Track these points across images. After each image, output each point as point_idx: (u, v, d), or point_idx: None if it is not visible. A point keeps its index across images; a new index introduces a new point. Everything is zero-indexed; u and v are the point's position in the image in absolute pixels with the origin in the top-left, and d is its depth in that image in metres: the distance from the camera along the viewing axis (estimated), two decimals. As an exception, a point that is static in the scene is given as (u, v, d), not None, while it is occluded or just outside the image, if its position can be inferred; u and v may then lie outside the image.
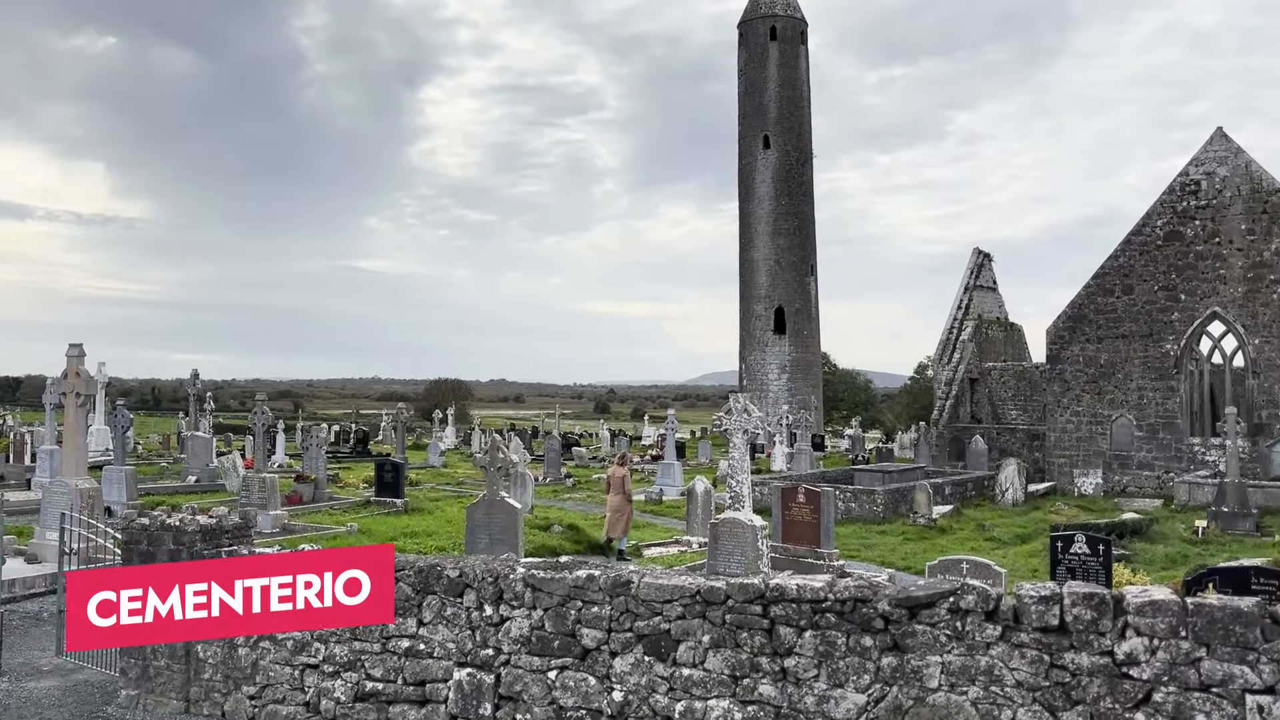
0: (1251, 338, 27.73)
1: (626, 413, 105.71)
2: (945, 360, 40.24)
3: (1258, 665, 6.24)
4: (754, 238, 53.68)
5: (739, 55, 55.16)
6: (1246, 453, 26.51)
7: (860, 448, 43.52)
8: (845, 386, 74.29)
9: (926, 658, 7.03)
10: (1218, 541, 19.58)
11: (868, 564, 17.49)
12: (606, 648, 8.00)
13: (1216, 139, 28.47)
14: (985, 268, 43.44)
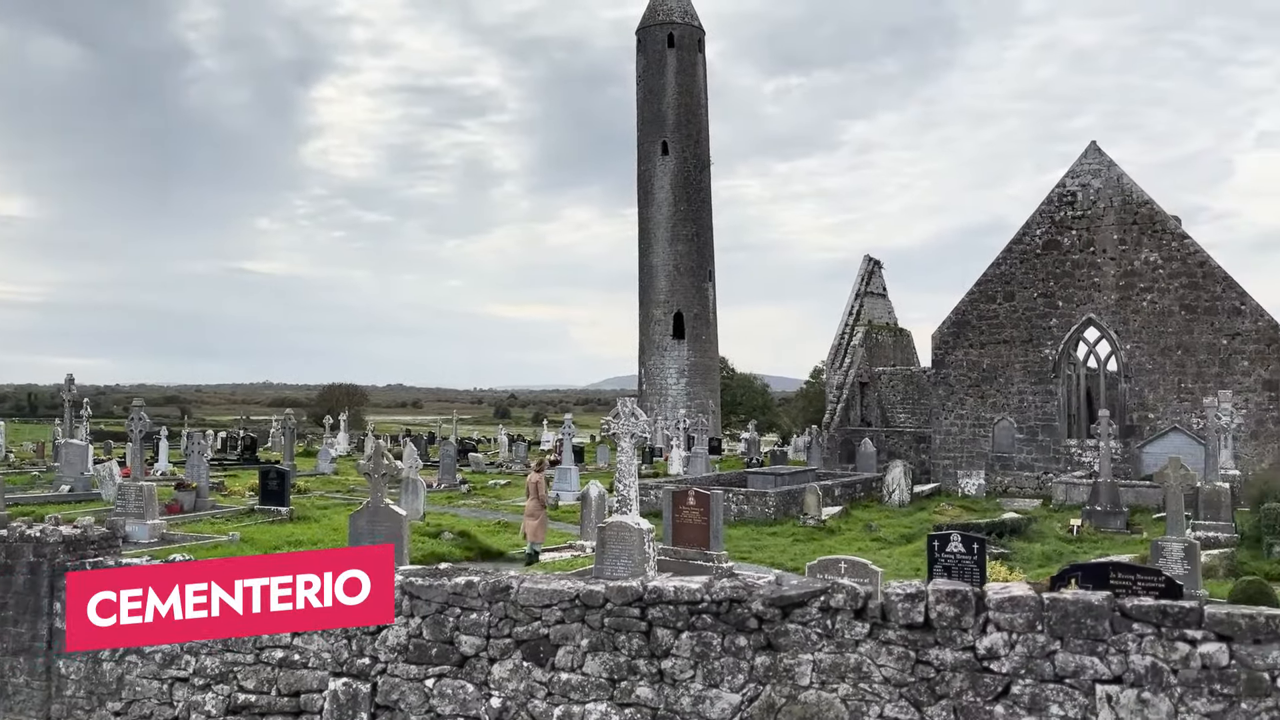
0: (1124, 343, 28.98)
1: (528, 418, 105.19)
2: (837, 365, 41.09)
3: (1107, 656, 6.52)
4: (653, 243, 54.01)
5: (637, 62, 55.47)
6: (1119, 454, 27.71)
7: (756, 451, 44.10)
8: (744, 390, 75.22)
9: (799, 656, 7.16)
10: (1091, 539, 20.39)
11: (758, 565, 17.71)
12: (485, 654, 7.95)
13: (1091, 153, 29.72)
14: (876, 275, 44.50)
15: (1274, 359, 27.23)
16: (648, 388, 53.96)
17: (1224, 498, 19.95)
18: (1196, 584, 14.24)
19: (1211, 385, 26.95)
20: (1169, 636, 6.45)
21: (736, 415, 68.66)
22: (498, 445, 47.30)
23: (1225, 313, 27.60)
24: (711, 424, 52.38)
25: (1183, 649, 6.39)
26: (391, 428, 68.87)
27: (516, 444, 42.90)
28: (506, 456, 41.84)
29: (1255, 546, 18.50)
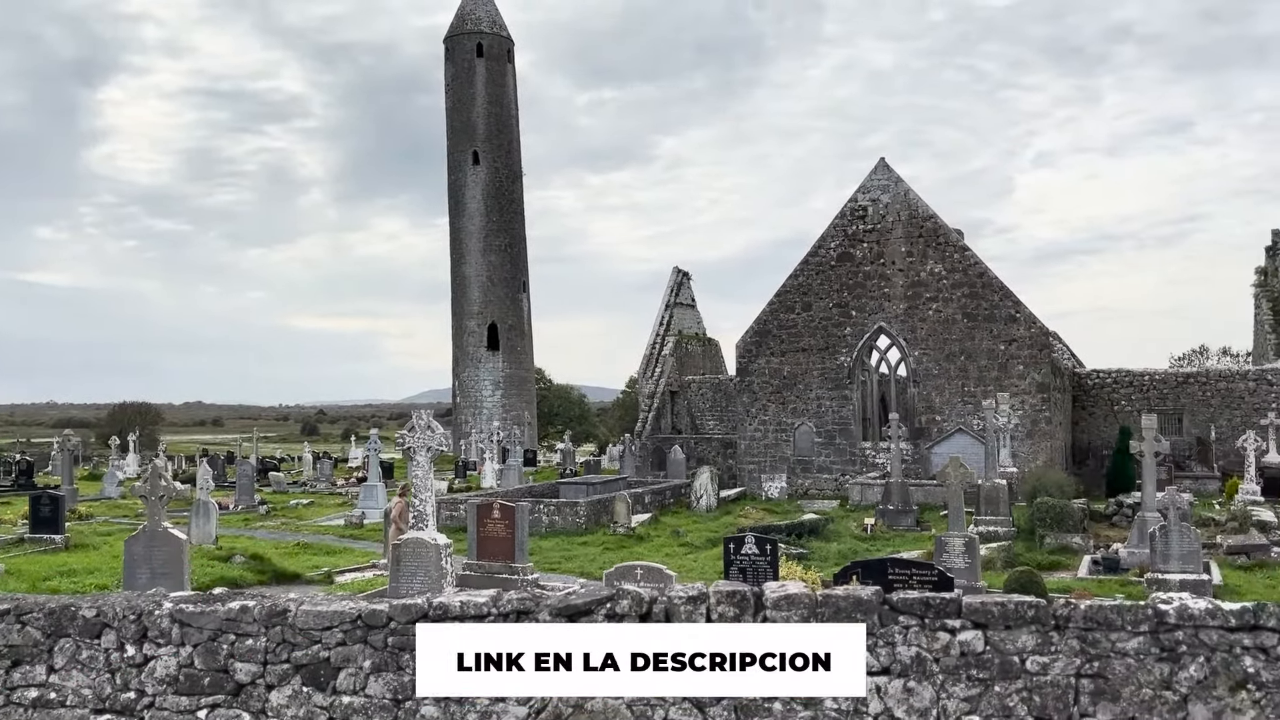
0: (912, 350, 30.60)
1: (337, 434, 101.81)
2: (649, 374, 41.67)
3: (876, 649, 6.80)
4: (466, 254, 53.38)
5: (446, 70, 54.78)
6: (910, 454, 29.19)
7: (571, 461, 44.19)
8: (561, 401, 75.25)
9: (585, 665, 7.15)
10: (883, 537, 21.37)
11: (566, 575, 17.69)
12: (262, 681, 7.59)
13: (880, 169, 31.29)
14: (685, 285, 45.43)
15: (1046, 363, 29.33)
16: (462, 400, 53.23)
17: (1002, 494, 21.30)
18: (976, 576, 15.07)
19: (991, 388, 28.79)
20: (931, 627, 6.78)
21: (554, 426, 68.60)
22: (302, 464, 45.56)
23: (1003, 320, 29.55)
24: (527, 436, 52.15)
25: (944, 638, 6.73)
26: (188, 447, 65.28)
27: (322, 462, 41.43)
28: (311, 475, 40.33)
29: (1030, 539, 19.82)
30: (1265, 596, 14.02)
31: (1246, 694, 6.15)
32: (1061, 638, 6.52)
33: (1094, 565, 17.14)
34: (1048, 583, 14.64)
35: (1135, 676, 6.36)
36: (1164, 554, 14.56)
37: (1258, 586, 15.13)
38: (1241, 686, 6.16)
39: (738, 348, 32.99)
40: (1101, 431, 33.54)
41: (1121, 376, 34.53)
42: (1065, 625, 6.54)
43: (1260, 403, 32.30)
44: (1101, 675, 6.43)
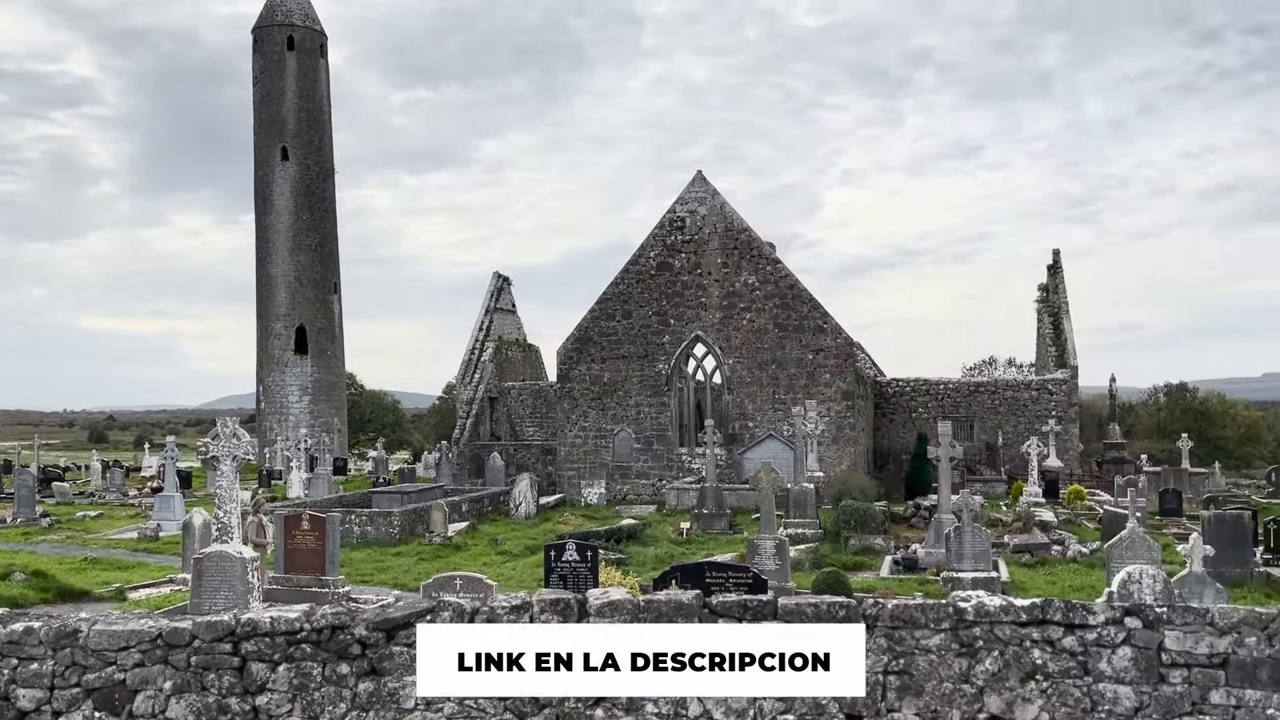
0: (727, 358, 31.41)
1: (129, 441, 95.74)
2: (467, 380, 41.15)
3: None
4: (273, 253, 51.24)
5: (254, 62, 52.52)
6: (724, 460, 29.92)
7: (384, 470, 43.02)
8: (373, 408, 73.24)
9: (403, 678, 6.98)
10: (699, 541, 21.79)
11: (380, 587, 17.21)
12: (49, 707, 7.05)
13: (697, 181, 32.02)
14: (505, 291, 45.14)
15: (850, 372, 30.67)
16: (267, 406, 51.04)
17: (810, 497, 22.11)
18: (786, 577, 15.56)
19: (800, 396, 29.86)
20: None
21: (365, 433, 66.72)
22: (89, 473, 42.61)
23: (811, 331, 30.72)
24: (337, 443, 50.48)
25: (761, 639, 6.91)
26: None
27: (112, 470, 38.84)
28: (100, 485, 37.75)
29: (836, 540, 20.64)
30: (1047, 592, 15.10)
31: (1035, 684, 6.58)
32: (870, 636, 6.82)
33: (895, 565, 18.00)
34: (853, 582, 15.28)
35: (937, 671, 6.70)
36: (958, 553, 15.44)
37: (1040, 582, 16.26)
38: (1030, 677, 6.59)
39: (559, 354, 33.02)
40: (901, 437, 35.35)
41: (919, 385, 36.51)
42: (874, 624, 6.84)
43: (1042, 411, 34.82)
44: (907, 671, 6.75)
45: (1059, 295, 40.13)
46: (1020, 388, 36.04)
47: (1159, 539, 18.51)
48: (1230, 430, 69.92)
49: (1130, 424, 66.63)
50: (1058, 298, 40.15)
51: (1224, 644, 6.43)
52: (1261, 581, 15.69)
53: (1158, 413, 73.32)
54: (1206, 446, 58.48)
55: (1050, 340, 39.42)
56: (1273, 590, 15.23)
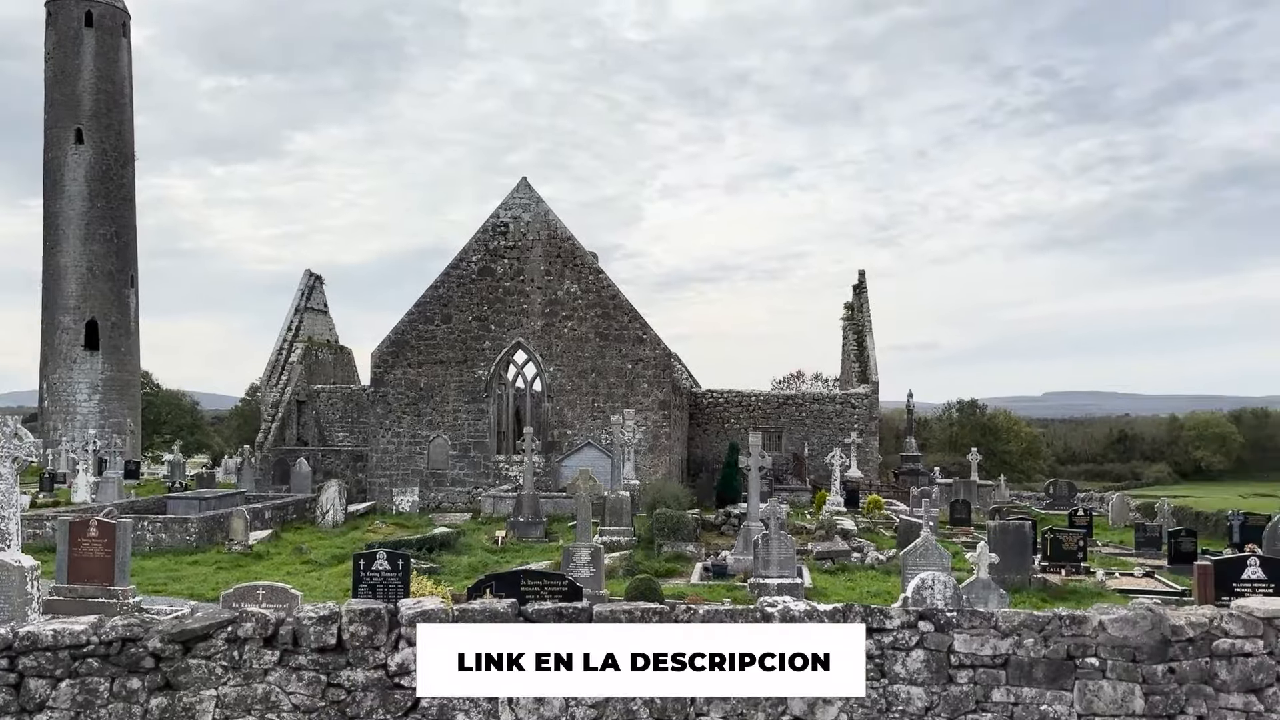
0: (548, 365, 31.40)
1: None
2: (274, 382, 39.54)
3: (510, 660, 6.88)
4: (62, 241, 47.81)
5: (47, 37, 48.96)
6: (542, 467, 29.87)
7: (181, 474, 40.80)
8: (170, 409, 69.34)
9: (200, 693, 6.64)
10: (514, 549, 21.65)
11: (174, 597, 16.30)
12: None
13: (522, 188, 31.92)
14: (317, 290, 43.66)
15: (668, 382, 31.21)
16: (51, 405, 47.53)
17: (626, 505, 22.33)
18: (600, 584, 15.66)
19: (619, 405, 30.20)
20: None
21: (160, 435, 63.12)
22: None
23: (631, 341, 31.11)
24: (130, 445, 47.56)
25: (575, 646, 6.93)
26: None
27: None
28: None
29: (649, 547, 20.91)
30: (847, 597, 15.79)
31: (836, 684, 6.86)
32: (682, 641, 6.94)
33: (705, 571, 18.40)
34: (665, 589, 15.53)
35: (745, 674, 6.88)
36: (765, 560, 15.94)
37: (840, 588, 16.99)
38: (832, 678, 6.86)
39: (373, 357, 32.19)
40: (714, 446, 36.23)
41: (732, 397, 37.53)
42: (686, 629, 6.96)
43: (845, 423, 36.41)
44: (716, 675, 6.89)
45: (863, 314, 42.09)
46: (826, 401, 37.57)
47: (949, 547, 19.66)
48: (1014, 445, 75.14)
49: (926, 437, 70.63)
50: (862, 316, 42.10)
51: (1005, 645, 6.89)
52: (1039, 587, 16.87)
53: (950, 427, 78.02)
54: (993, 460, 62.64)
55: (854, 356, 41.29)
56: (1049, 595, 16.39)
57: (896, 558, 17.95)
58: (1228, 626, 6.92)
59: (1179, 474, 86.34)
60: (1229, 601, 8.90)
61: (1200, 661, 6.84)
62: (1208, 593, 12.70)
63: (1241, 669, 6.82)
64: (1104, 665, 6.83)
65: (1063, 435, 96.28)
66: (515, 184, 31.99)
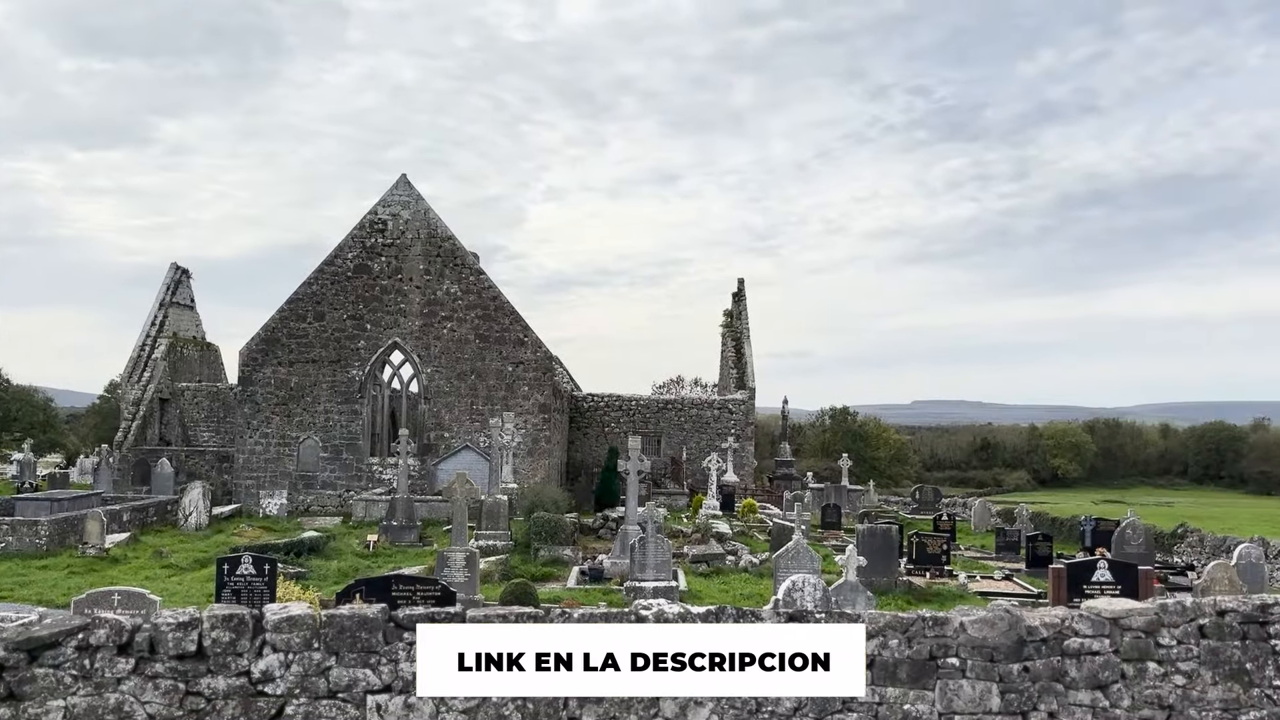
0: (425, 367, 30.90)
1: None
2: (136, 379, 37.88)
3: (378, 667, 6.73)
4: (-97, 225, 44.88)
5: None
6: (417, 470, 29.40)
7: (31, 474, 38.70)
8: (21, 405, 65.69)
9: (47, 703, 6.30)
10: (386, 553, 21.22)
11: (21, 604, 15.42)
12: None
13: (401, 184, 31.35)
14: (183, 284, 42.02)
15: (548, 386, 31.08)
16: (-112, 399, 44.53)
17: (503, 509, 22.14)
18: (475, 589, 15.49)
19: (499, 408, 29.93)
20: (436, 640, 6.85)
21: (10, 434, 59.74)
22: None
23: (512, 343, 30.88)
24: (-25, 443, 44.90)
25: (448, 651, 6.83)
26: None
27: None
28: None
29: (526, 551, 20.78)
30: (721, 599, 16.00)
31: (708, 686, 6.93)
32: (556, 645, 6.91)
33: (581, 575, 18.38)
34: (540, 593, 15.45)
35: (619, 677, 6.90)
36: (641, 563, 16.02)
37: (715, 590, 17.18)
38: (704, 680, 6.93)
39: (242, 355, 31.13)
40: (594, 450, 36.26)
41: (612, 401, 37.62)
42: (560, 633, 6.93)
43: (722, 428, 36.90)
44: (590, 678, 6.90)
45: (742, 321, 42.76)
46: (704, 406, 38.01)
47: (820, 550, 20.13)
48: (884, 451, 77.48)
49: (800, 443, 72.19)
50: (740, 323, 42.76)
51: (871, 646, 7.07)
52: (905, 589, 17.39)
53: (824, 433, 79.94)
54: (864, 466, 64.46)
55: (732, 363, 41.90)
56: (914, 597, 16.92)
57: (769, 560, 18.26)
58: (1078, 626, 7.25)
59: (1038, 481, 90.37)
60: (1080, 603, 9.34)
61: (1053, 660, 7.15)
62: (1061, 594, 13.30)
63: (1089, 667, 7.16)
64: (964, 665, 7.07)
65: (929, 442, 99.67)
66: (394, 180, 31.42)
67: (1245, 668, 7.21)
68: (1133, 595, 12.72)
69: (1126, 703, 7.13)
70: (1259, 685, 7.20)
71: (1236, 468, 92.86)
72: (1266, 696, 7.19)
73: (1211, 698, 7.16)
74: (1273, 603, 7.42)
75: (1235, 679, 7.20)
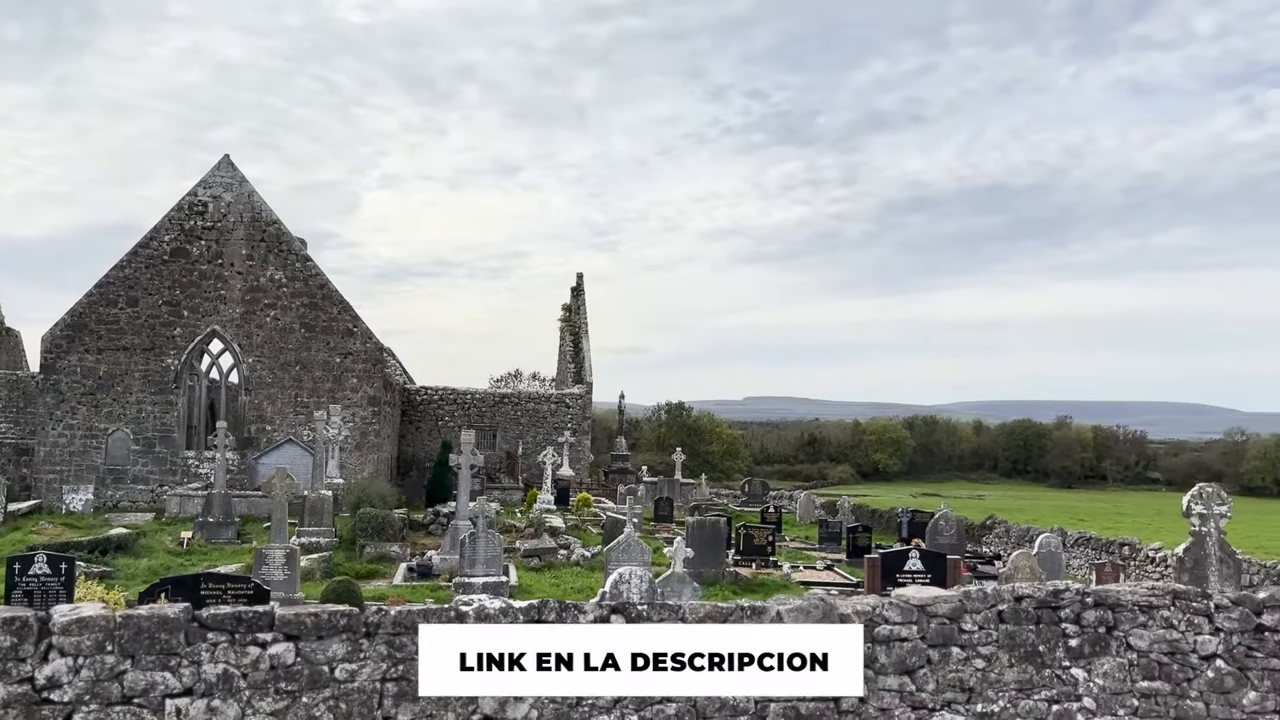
0: (247, 356, 29.61)
1: None
2: (-78, 365, 34.90)
3: (179, 669, 6.37)
4: None
5: None
6: (237, 465, 28.17)
7: None
8: None
9: None
10: (201, 551, 20.24)
11: None
12: None
13: (224, 166, 29.91)
14: (-19, 264, 38.99)
15: (379, 378, 30.31)
16: None
17: (327, 505, 21.44)
18: (295, 587, 14.95)
19: (325, 400, 28.98)
20: (242, 642, 6.54)
21: None
22: None
23: (340, 333, 29.94)
24: None
25: (254, 652, 6.53)
26: None
27: None
28: None
29: (351, 548, 20.20)
30: (552, 593, 15.96)
31: (528, 681, 6.85)
32: (371, 644, 6.70)
33: (409, 572, 18.00)
34: (365, 591, 15.04)
35: (437, 675, 6.74)
36: (471, 559, 15.79)
37: (546, 584, 17.12)
38: (525, 675, 6.85)
39: (44, 341, 29.06)
40: (427, 445, 35.60)
41: (447, 394, 37.03)
42: (375, 631, 6.73)
43: (560, 423, 36.86)
44: (405, 678, 6.72)
45: (580, 316, 42.83)
46: (541, 400, 37.88)
47: (652, 543, 20.33)
48: (717, 446, 79.20)
49: (636, 438, 72.95)
50: (579, 318, 42.82)
51: (693, 635, 7.14)
52: (732, 580, 17.76)
53: (659, 428, 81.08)
54: (697, 460, 65.66)
55: (570, 357, 41.92)
56: (740, 587, 17.30)
57: (602, 554, 18.34)
58: (887, 614, 7.53)
59: (860, 474, 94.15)
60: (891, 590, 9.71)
61: (864, 647, 7.39)
62: (876, 583, 13.84)
63: (898, 652, 7.43)
64: (780, 653, 7.22)
65: (760, 437, 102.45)
66: (217, 161, 29.97)
67: (1038, 650, 7.64)
68: (941, 583, 13.34)
69: (931, 686, 7.44)
70: (1050, 666, 7.64)
71: (1041, 463, 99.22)
72: (1056, 676, 7.64)
73: (1008, 679, 7.55)
74: (1064, 588, 7.88)
75: (1029, 660, 7.61)
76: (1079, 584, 8.22)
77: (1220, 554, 12.05)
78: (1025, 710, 7.52)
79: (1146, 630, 7.81)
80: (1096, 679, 7.65)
